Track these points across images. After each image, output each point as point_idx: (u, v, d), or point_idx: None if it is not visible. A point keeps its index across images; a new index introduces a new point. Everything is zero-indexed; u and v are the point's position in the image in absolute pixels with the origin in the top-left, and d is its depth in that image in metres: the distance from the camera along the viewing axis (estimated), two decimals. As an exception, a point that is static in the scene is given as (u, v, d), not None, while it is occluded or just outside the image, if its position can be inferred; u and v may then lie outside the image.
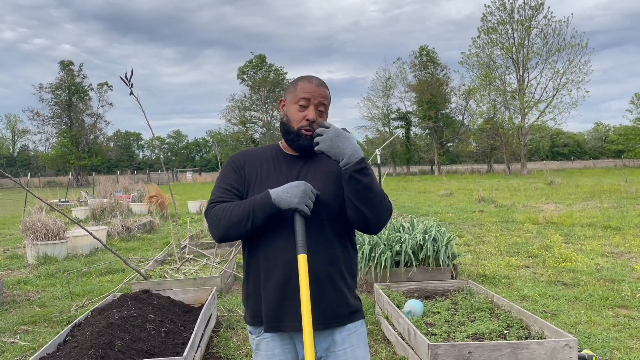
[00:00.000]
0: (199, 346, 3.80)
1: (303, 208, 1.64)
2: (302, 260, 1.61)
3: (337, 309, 1.76)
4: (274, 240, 1.74)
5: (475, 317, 4.29)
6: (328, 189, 1.77)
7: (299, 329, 1.66)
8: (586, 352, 3.74)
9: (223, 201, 1.77)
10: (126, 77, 5.07)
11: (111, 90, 59.40)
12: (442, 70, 55.86)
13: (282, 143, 1.91)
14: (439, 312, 4.46)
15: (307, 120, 1.78)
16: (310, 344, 1.53)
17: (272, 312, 1.73)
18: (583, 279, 6.07)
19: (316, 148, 1.68)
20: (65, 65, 56.68)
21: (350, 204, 1.71)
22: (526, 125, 45.28)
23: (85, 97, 57.67)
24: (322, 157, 1.80)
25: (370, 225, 1.75)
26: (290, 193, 1.65)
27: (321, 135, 1.68)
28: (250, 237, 1.76)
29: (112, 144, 78.69)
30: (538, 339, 3.71)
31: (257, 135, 59.37)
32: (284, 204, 1.64)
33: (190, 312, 4.59)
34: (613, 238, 8.86)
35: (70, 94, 56.19)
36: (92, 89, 58.39)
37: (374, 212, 1.71)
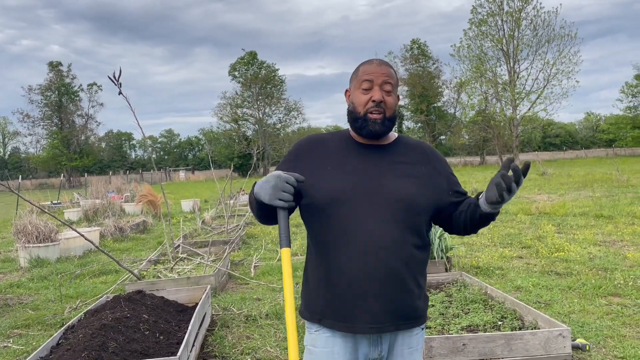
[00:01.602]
0: (193, 345, 3.79)
1: (276, 203, 1.54)
2: (285, 253, 1.57)
3: (407, 311, 1.68)
4: (346, 238, 1.64)
5: (469, 309, 4.30)
6: (413, 188, 1.67)
7: (365, 330, 1.63)
8: (580, 341, 3.76)
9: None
10: (115, 77, 5.03)
11: (101, 90, 58.95)
12: (434, 64, 55.93)
13: (352, 132, 1.78)
14: (433, 305, 4.47)
15: (373, 101, 1.65)
16: (294, 339, 1.49)
17: (341, 310, 1.64)
18: (576, 268, 6.10)
19: (507, 196, 1.52)
20: (54, 66, 56.20)
21: (469, 223, 1.72)
22: (518, 116, 45.40)
23: (75, 98, 57.22)
24: (403, 151, 1.75)
25: (473, 233, 1.79)
26: (263, 188, 1.56)
27: (518, 185, 1.51)
28: (317, 231, 1.71)
29: (103, 145, 78.23)
30: (532, 329, 3.72)
31: (249, 133, 59.18)
32: (262, 199, 1.57)
33: (184, 312, 4.57)
34: (605, 227, 8.91)
35: (60, 95, 55.76)
36: (82, 89, 57.96)
37: (480, 229, 1.76)
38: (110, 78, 5.01)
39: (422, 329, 1.78)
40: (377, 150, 1.74)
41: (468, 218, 1.69)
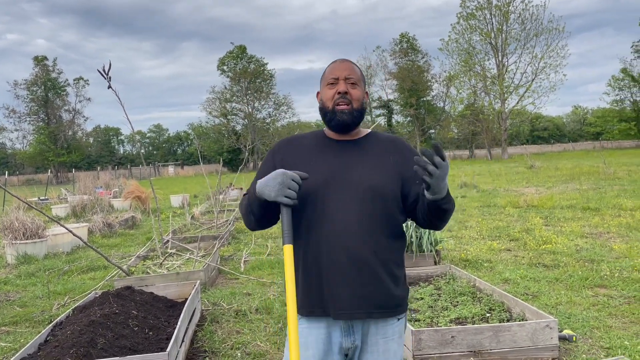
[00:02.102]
0: (183, 341, 3.78)
1: (282, 200, 1.61)
2: (288, 250, 1.60)
3: (378, 299, 1.71)
4: (311, 228, 1.72)
5: (458, 302, 4.33)
6: (380, 177, 1.74)
7: (335, 316, 1.68)
8: (567, 332, 3.80)
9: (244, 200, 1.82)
10: (104, 71, 4.98)
11: (88, 85, 58.47)
12: (423, 57, 56.00)
13: (326, 130, 1.88)
14: (422, 298, 4.50)
15: (339, 93, 1.75)
16: (295, 334, 1.51)
17: (314, 297, 1.72)
18: (563, 260, 6.17)
19: (428, 179, 1.50)
20: (40, 60, 55.50)
21: (426, 216, 1.72)
22: (506, 110, 45.70)
23: (62, 93, 56.60)
24: (373, 145, 1.82)
25: (437, 229, 1.81)
26: (268, 185, 1.62)
27: (438, 168, 1.49)
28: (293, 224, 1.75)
29: (91, 140, 77.54)
30: (519, 321, 3.76)
31: (239, 127, 58.94)
32: (266, 196, 1.63)
33: (174, 307, 4.56)
34: (592, 219, 9.00)
35: (46, 89, 55.12)
36: (68, 84, 57.35)
37: (445, 223, 1.77)
38: (99, 72, 4.96)
39: (400, 319, 1.80)
40: (348, 145, 1.82)
41: (424, 209, 1.71)
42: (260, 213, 1.71)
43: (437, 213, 1.68)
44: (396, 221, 1.77)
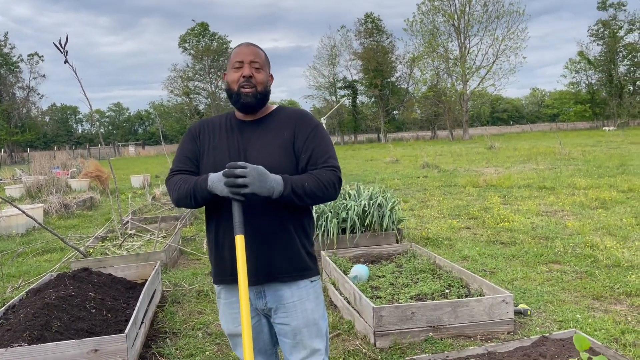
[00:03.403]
0: (142, 322, 3.72)
1: (235, 197, 1.68)
2: (240, 240, 1.67)
3: (282, 265, 1.86)
4: (222, 212, 1.85)
5: (418, 279, 4.41)
6: (276, 155, 1.84)
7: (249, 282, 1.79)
8: (522, 306, 3.93)
9: (180, 171, 1.90)
10: (60, 44, 4.78)
11: (42, 60, 56.20)
12: (388, 38, 56.08)
13: (236, 111, 1.98)
14: (384, 276, 4.56)
15: (244, 76, 1.84)
16: (246, 308, 1.62)
17: (224, 268, 1.90)
18: (520, 237, 6.35)
19: (245, 191, 1.64)
20: (-11, 35, 52.94)
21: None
22: (468, 91, 46.41)
23: (15, 69, 54.20)
24: (273, 122, 1.92)
25: (320, 204, 1.92)
26: (221, 181, 1.69)
27: (244, 177, 1.63)
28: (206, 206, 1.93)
29: (47, 119, 74.82)
30: (477, 296, 3.85)
31: (202, 107, 57.90)
32: (219, 192, 1.70)
33: (133, 289, 4.48)
34: (547, 198, 9.29)
35: (-2, 65, 52.73)
36: (22, 60, 54.94)
37: (319, 202, 1.84)
38: (55, 45, 4.75)
39: (313, 281, 1.96)
40: (252, 125, 1.93)
41: None
42: (203, 202, 1.81)
43: (301, 203, 1.79)
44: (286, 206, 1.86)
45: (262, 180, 1.66)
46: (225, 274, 1.91)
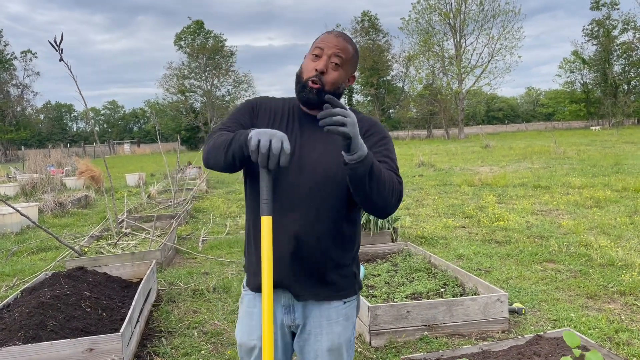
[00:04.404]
0: (137, 321, 3.72)
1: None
2: (267, 222, 1.44)
3: (318, 283, 1.68)
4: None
5: (413, 278, 4.42)
6: (335, 163, 1.60)
7: (276, 290, 1.64)
8: (516, 305, 3.95)
9: (229, 130, 1.64)
10: (55, 42, 4.75)
11: (36, 58, 55.85)
12: (384, 37, 56.11)
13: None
14: (379, 275, 4.57)
15: (316, 70, 1.62)
16: (269, 310, 1.44)
17: (256, 277, 1.68)
18: (514, 236, 6.38)
19: (343, 129, 1.37)
20: (-16, 32, 52.59)
21: (354, 195, 1.58)
22: (463, 90, 46.49)
23: (9, 67, 53.86)
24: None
25: (375, 211, 1.62)
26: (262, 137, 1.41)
27: (346, 117, 1.37)
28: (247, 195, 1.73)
29: (42, 117, 74.45)
30: (472, 295, 3.87)
31: (197, 105, 57.75)
32: (266, 137, 1.42)
33: (128, 288, 4.47)
34: (542, 197, 9.33)
35: (-8, 63, 52.40)
36: (15, 57, 54.62)
37: (380, 201, 1.57)
38: (50, 43, 4.73)
39: (346, 302, 1.76)
40: (316, 121, 1.60)
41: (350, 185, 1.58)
42: (238, 160, 1.52)
43: (356, 185, 1.52)
44: (347, 206, 1.68)
45: (356, 129, 1.40)
46: (257, 277, 1.63)
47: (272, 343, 1.44)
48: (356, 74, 1.81)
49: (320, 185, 1.63)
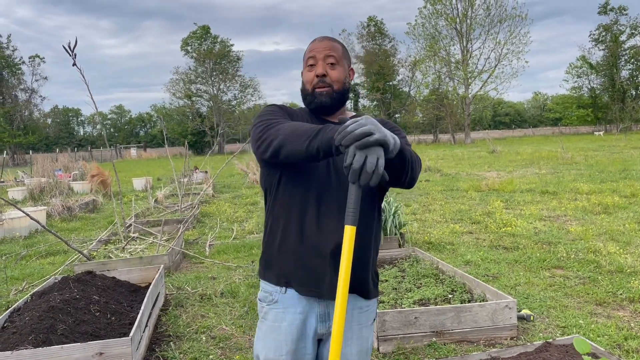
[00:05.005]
0: (146, 325, 3.73)
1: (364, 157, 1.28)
2: (350, 232, 1.37)
3: (359, 284, 1.68)
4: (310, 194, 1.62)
5: (421, 284, 4.41)
6: None
7: (328, 295, 1.62)
8: (525, 311, 3.93)
9: (280, 122, 1.56)
10: (69, 47, 4.80)
11: (44, 62, 56.28)
12: (390, 42, 56.14)
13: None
14: (387, 280, 4.56)
15: (317, 76, 1.67)
16: (342, 319, 1.36)
17: (308, 275, 1.64)
18: (522, 242, 6.35)
19: (374, 138, 1.27)
20: (-8, 37, 53.01)
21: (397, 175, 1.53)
22: (470, 95, 46.41)
23: (17, 72, 54.27)
24: None
25: (407, 183, 1.58)
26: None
27: (366, 124, 1.28)
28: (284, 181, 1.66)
29: (49, 121, 74.97)
30: (480, 301, 3.86)
31: (204, 109, 57.97)
32: (348, 141, 1.32)
33: (137, 292, 4.49)
34: (550, 202, 9.29)
35: (1, 67, 52.76)
36: (23, 62, 55.04)
37: (413, 174, 1.57)
38: (64, 48, 4.77)
39: (374, 303, 1.80)
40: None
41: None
42: (322, 153, 1.40)
43: (399, 170, 1.51)
44: (377, 202, 1.73)
45: (380, 127, 1.31)
46: (310, 284, 1.64)
47: (340, 351, 1.38)
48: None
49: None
